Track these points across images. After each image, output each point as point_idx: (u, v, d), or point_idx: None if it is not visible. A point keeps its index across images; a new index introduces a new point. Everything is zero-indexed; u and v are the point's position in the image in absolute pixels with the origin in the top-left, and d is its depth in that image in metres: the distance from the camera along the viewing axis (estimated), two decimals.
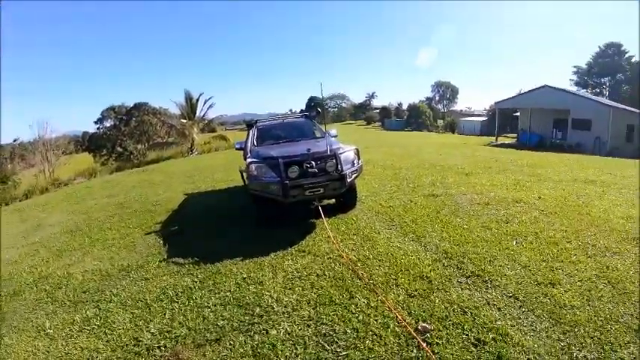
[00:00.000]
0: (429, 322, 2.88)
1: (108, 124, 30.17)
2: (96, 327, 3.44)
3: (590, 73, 54.28)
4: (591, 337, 2.60)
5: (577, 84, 55.02)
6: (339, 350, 2.68)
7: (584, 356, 2.44)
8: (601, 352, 2.46)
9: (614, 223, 4.57)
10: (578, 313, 2.86)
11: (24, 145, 24.60)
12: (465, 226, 4.75)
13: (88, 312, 3.73)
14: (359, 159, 5.49)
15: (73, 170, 17.78)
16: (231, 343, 2.91)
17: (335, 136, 6.40)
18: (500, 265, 3.67)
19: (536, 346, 2.56)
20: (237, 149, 6.95)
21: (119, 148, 22.82)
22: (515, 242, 4.18)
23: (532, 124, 27.31)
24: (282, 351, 2.74)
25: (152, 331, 3.22)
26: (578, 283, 3.29)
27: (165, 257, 4.78)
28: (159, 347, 3.00)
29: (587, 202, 5.49)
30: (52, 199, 11.25)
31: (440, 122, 54.52)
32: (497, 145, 23.15)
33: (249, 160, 5.37)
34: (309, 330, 2.94)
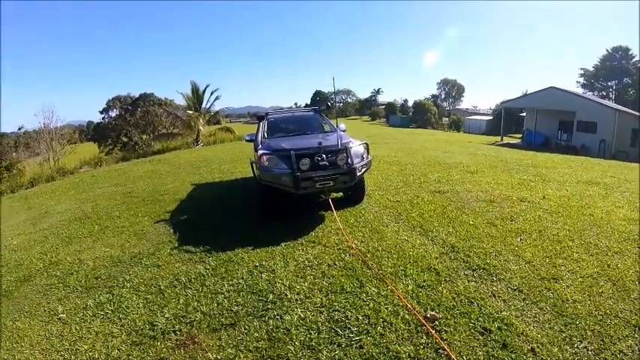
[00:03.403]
0: (437, 310, 3.00)
1: (113, 113, 30.16)
2: (110, 312, 3.49)
3: (596, 75, 54.10)
4: (592, 330, 2.71)
5: (584, 86, 54.90)
6: (351, 335, 2.79)
7: (585, 347, 2.56)
8: (601, 344, 2.57)
9: (616, 224, 4.68)
10: (579, 307, 2.97)
11: (29, 134, 24.54)
12: (470, 222, 4.85)
13: (101, 297, 3.77)
14: (368, 153, 5.58)
15: (78, 159, 17.75)
16: (247, 327, 3.00)
17: (344, 131, 6.47)
18: (505, 260, 3.79)
19: (539, 336, 2.67)
20: (247, 141, 7.01)
21: (124, 138, 22.86)
22: (519, 239, 4.30)
23: (537, 125, 27.32)
24: (296, 335, 2.84)
25: (167, 315, 3.28)
26: (579, 279, 3.40)
27: (177, 245, 4.84)
28: (174, 331, 3.06)
29: (591, 204, 5.57)
30: (58, 187, 11.29)
31: (445, 120, 54.35)
32: (502, 145, 23.14)
33: (260, 151, 5.43)
34: (322, 316, 3.05)
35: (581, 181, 7.12)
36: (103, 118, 31.10)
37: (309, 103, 63.26)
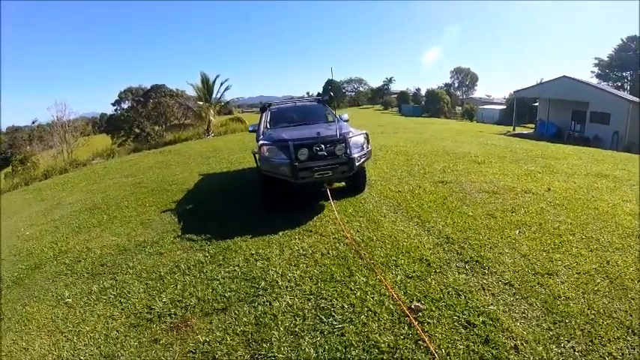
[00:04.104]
0: (422, 302, 3.01)
1: (125, 105, 30.60)
2: (112, 296, 3.69)
3: (611, 65, 51.85)
4: (581, 330, 2.64)
5: (598, 76, 52.65)
6: (334, 323, 2.85)
7: (572, 347, 2.49)
8: (589, 345, 2.50)
9: (621, 218, 4.53)
10: (571, 304, 2.90)
11: (42, 127, 25.09)
12: (470, 214, 4.81)
13: (105, 283, 3.98)
14: (368, 143, 5.58)
15: (91, 151, 18.13)
16: (236, 312, 3.13)
17: (347, 121, 6.48)
18: (500, 253, 3.74)
19: (525, 332, 2.62)
20: (250, 132, 7.07)
21: (137, 130, 23.22)
22: (517, 232, 4.24)
23: (550, 115, 26.50)
24: (282, 321, 2.93)
25: (164, 300, 3.45)
26: (575, 275, 3.31)
27: (180, 234, 5.00)
28: (169, 314, 3.22)
29: (597, 197, 5.42)
30: (70, 179, 11.58)
31: (458, 109, 53.30)
32: (514, 135, 22.68)
33: (260, 142, 5.52)
34: (309, 303, 3.13)
35: (591, 173, 6.93)
36: (116, 110, 31.64)
37: (320, 92, 62.88)
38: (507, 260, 3.60)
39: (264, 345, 2.71)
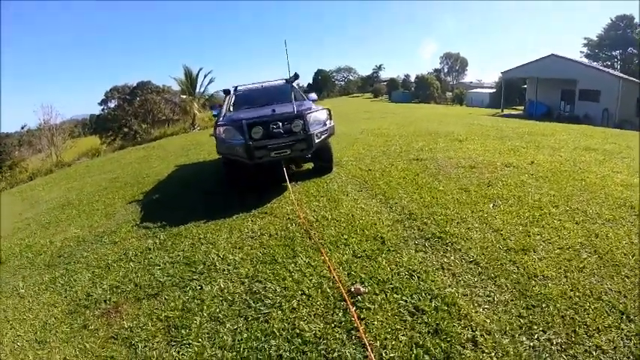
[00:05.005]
0: (365, 284, 2.66)
1: (112, 105, 30.18)
2: (59, 285, 3.65)
3: (600, 45, 51.16)
4: (562, 317, 2.17)
5: (587, 56, 52.01)
6: (262, 308, 2.57)
7: (548, 339, 2.02)
8: (571, 336, 2.02)
9: (611, 189, 4.11)
10: (550, 285, 2.44)
11: (31, 132, 24.86)
12: (440, 189, 4.46)
13: (56, 273, 3.93)
14: (330, 120, 5.31)
15: (78, 152, 18.06)
16: (167, 297, 2.96)
17: (314, 101, 6.24)
18: (468, 228, 3.37)
19: (488, 321, 2.18)
20: (214, 116, 6.79)
21: (125, 129, 22.91)
22: (492, 205, 3.87)
23: (539, 95, 25.99)
24: (208, 306, 2.70)
25: (104, 287, 3.37)
26: (557, 250, 2.87)
27: (138, 223, 4.87)
28: (105, 301, 3.14)
29: (585, 169, 5.04)
30: (53, 179, 11.54)
31: (449, 95, 52.64)
32: (503, 116, 22.11)
33: (218, 124, 5.30)
34: (242, 287, 2.85)
35: (579, 147, 6.54)
36: (103, 110, 31.18)
37: (311, 83, 62.15)
38: (475, 236, 3.20)
39: (183, 331, 2.49)
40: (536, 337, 2.05)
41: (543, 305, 2.27)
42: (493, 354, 1.96)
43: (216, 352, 2.24)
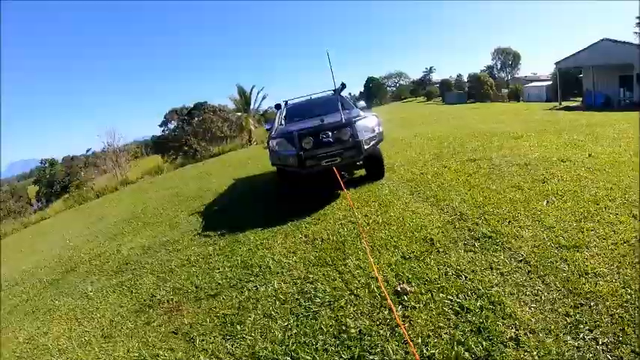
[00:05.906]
0: (412, 284, 2.69)
1: (171, 125, 32.25)
2: (126, 288, 4.02)
3: None
4: (610, 315, 2.05)
5: None
6: (312, 307, 2.70)
7: (594, 339, 1.93)
8: (619, 336, 1.91)
9: None
10: (600, 283, 2.32)
11: (97, 154, 27.39)
12: (493, 188, 4.35)
13: (123, 277, 4.32)
14: (379, 126, 5.38)
15: (141, 170, 19.51)
16: (224, 297, 3.18)
17: (363, 108, 6.35)
18: (520, 227, 3.26)
19: (533, 320, 2.12)
20: (266, 130, 7.16)
21: (185, 147, 24.53)
22: (546, 202, 3.71)
23: (596, 84, 23.61)
24: (262, 305, 2.88)
25: (167, 289, 3.67)
26: (610, 246, 2.70)
27: (200, 232, 5.19)
28: (167, 301, 3.42)
29: None
30: (118, 196, 12.60)
31: (504, 91, 49.54)
32: (560, 109, 20.42)
33: (271, 137, 5.59)
34: (295, 288, 3.01)
35: None
36: (163, 131, 33.27)
37: (362, 91, 62.26)
38: (527, 234, 3.10)
39: (238, 327, 2.68)
40: (581, 336, 1.97)
41: (592, 303, 2.17)
42: (535, 353, 1.91)
43: (267, 345, 2.40)
